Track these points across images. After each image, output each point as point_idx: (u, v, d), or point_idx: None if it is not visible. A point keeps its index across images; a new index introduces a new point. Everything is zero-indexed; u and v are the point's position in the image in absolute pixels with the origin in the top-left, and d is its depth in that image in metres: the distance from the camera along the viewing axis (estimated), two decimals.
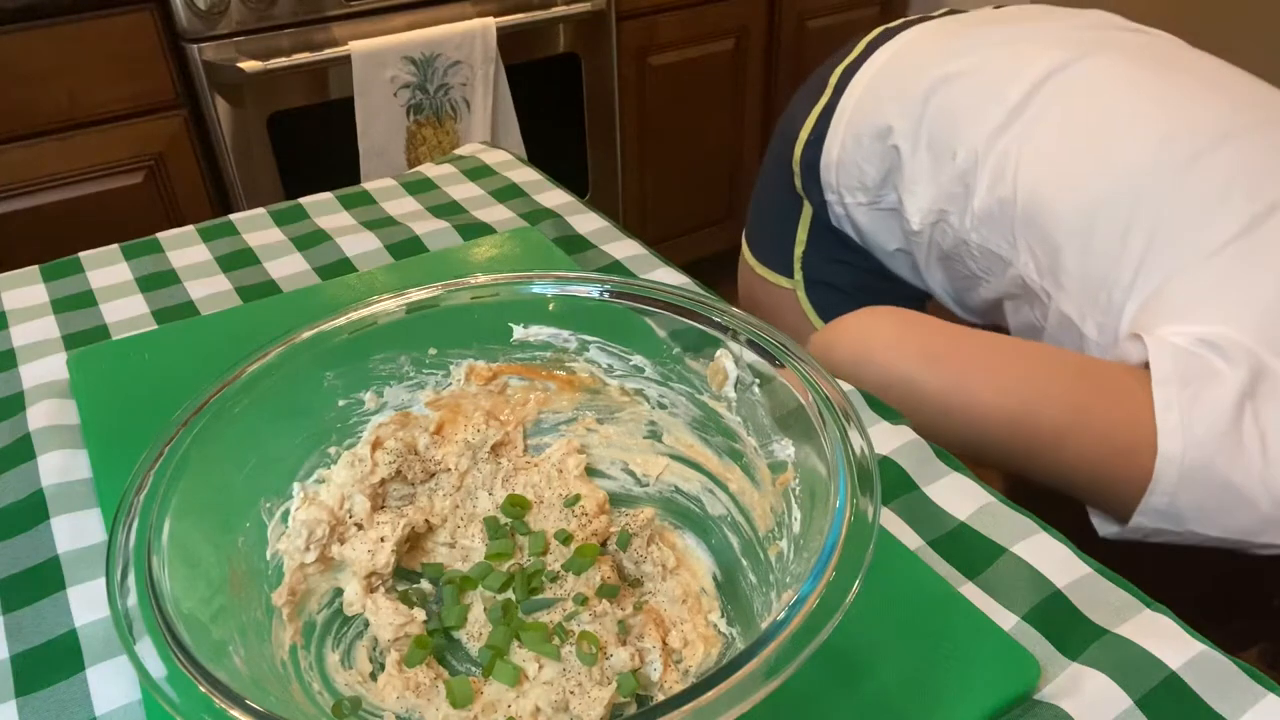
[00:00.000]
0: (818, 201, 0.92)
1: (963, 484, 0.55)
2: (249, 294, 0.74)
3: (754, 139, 2.09)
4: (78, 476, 0.56)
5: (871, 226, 0.89)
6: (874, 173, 0.86)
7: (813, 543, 0.37)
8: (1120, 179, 0.70)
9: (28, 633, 0.47)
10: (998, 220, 0.77)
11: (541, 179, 0.91)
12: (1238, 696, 0.42)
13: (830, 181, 0.89)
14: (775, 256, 0.98)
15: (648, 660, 0.42)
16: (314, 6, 1.44)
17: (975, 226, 0.79)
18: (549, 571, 0.45)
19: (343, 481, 0.47)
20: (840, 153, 0.87)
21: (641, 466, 0.51)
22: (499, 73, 1.61)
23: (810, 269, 0.96)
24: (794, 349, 0.43)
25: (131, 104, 1.39)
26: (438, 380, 0.51)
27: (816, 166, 0.90)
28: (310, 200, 0.87)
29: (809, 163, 0.91)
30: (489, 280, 0.50)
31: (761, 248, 1.00)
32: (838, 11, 2.04)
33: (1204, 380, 0.61)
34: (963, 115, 0.79)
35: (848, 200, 0.88)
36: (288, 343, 0.46)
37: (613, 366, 0.50)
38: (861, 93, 0.86)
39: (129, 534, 0.36)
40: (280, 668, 0.40)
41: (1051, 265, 0.74)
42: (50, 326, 0.70)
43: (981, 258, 0.81)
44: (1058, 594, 0.47)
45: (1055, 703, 0.42)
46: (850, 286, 0.95)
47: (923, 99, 0.81)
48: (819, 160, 0.89)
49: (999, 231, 0.78)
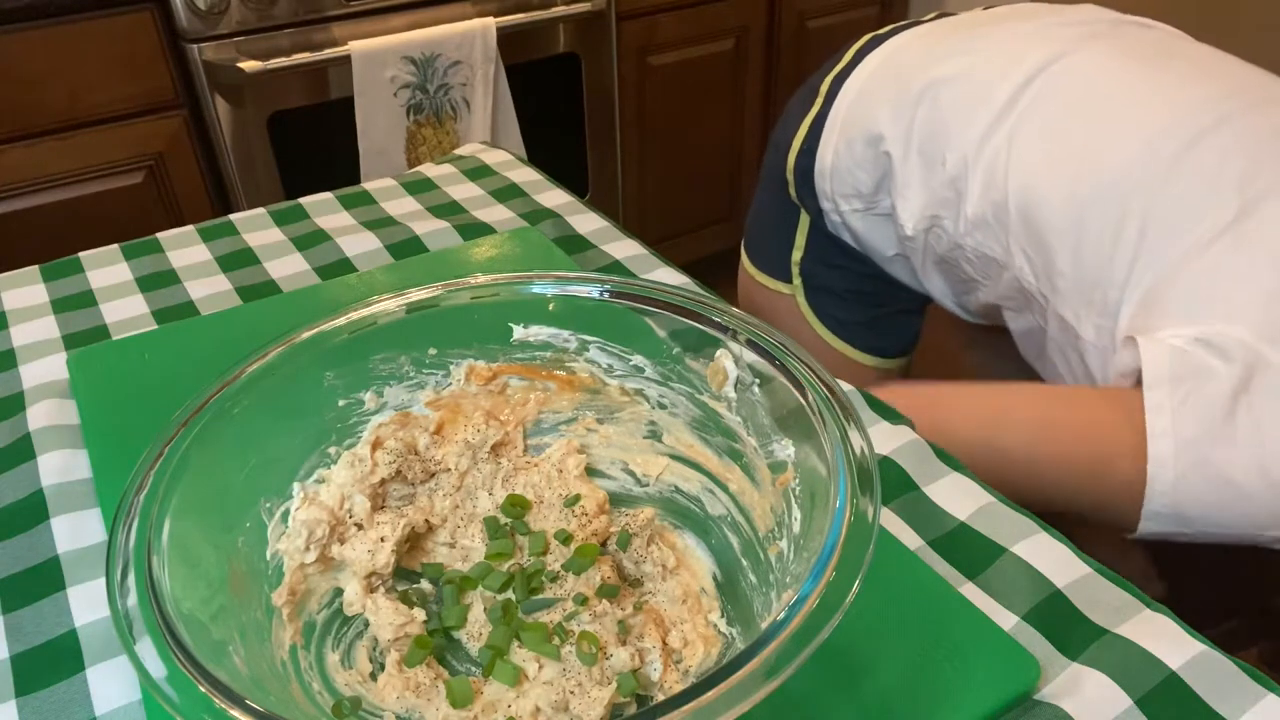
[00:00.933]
0: (814, 209, 0.92)
1: (963, 484, 0.55)
2: (249, 294, 0.74)
3: (754, 139, 2.09)
4: (78, 476, 0.56)
5: (868, 232, 0.89)
6: (867, 179, 0.86)
7: (813, 543, 0.37)
8: (1107, 176, 0.70)
9: (28, 633, 0.47)
10: (991, 224, 0.77)
11: (541, 179, 0.91)
12: (1238, 696, 0.42)
13: (825, 189, 0.89)
14: (774, 264, 0.98)
15: (648, 660, 0.42)
16: (314, 6, 1.44)
17: (969, 231, 0.79)
18: (549, 571, 0.45)
19: (343, 481, 0.47)
20: (834, 160, 0.87)
21: (641, 466, 0.51)
22: (499, 73, 1.61)
23: (809, 274, 0.96)
24: (794, 349, 0.43)
25: (131, 104, 1.39)
26: (438, 380, 0.51)
27: (811, 175, 0.90)
28: (310, 200, 0.87)
29: (803, 171, 0.91)
30: (489, 280, 0.50)
31: (761, 256, 1.00)
32: (838, 11, 2.04)
33: (1197, 379, 0.61)
34: (951, 120, 0.79)
35: (843, 207, 0.88)
36: (288, 343, 0.46)
37: (613, 366, 0.50)
38: (852, 99, 0.86)
39: (129, 534, 0.36)
40: (280, 668, 0.40)
41: (1046, 267, 0.74)
42: (50, 326, 0.70)
43: (978, 261, 0.81)
44: (1058, 594, 0.47)
45: (1055, 703, 0.42)
46: (849, 291, 0.95)
47: (912, 104, 0.81)
48: (813, 168, 0.89)
49: (993, 235, 0.77)
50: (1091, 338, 0.72)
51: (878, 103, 0.84)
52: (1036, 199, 0.73)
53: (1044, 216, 0.73)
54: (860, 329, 0.96)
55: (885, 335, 0.98)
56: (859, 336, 0.97)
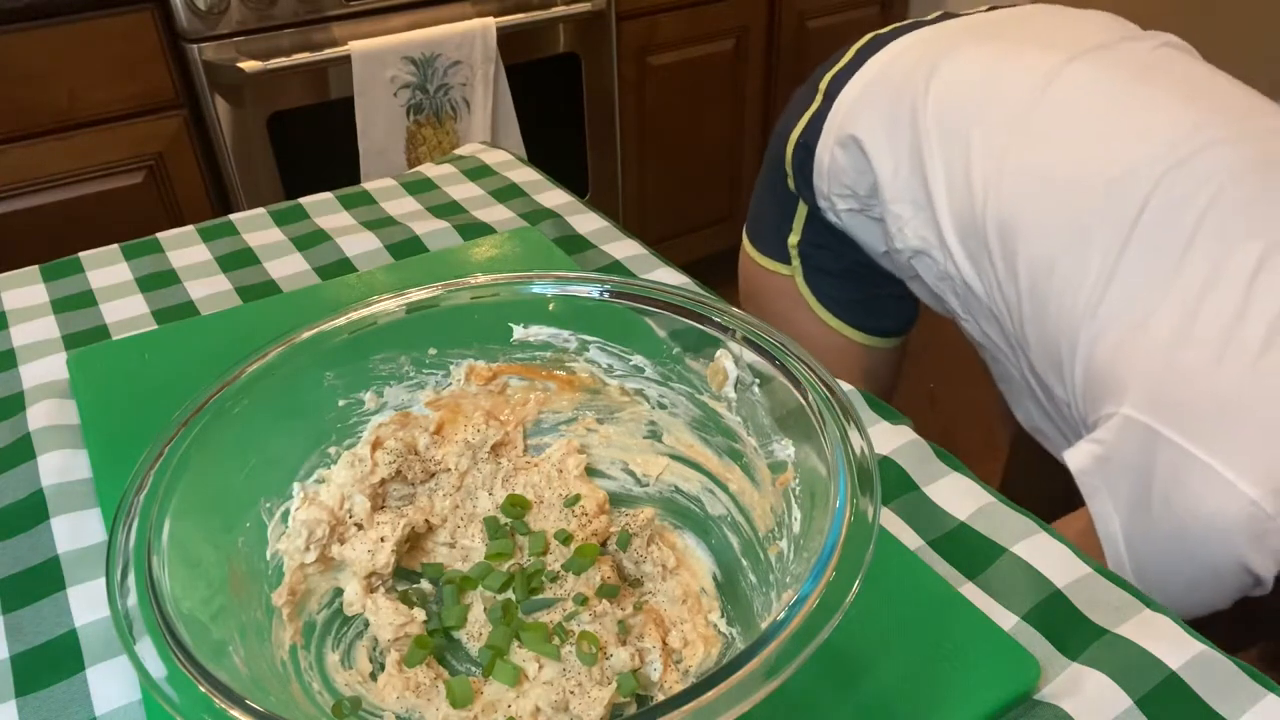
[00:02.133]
0: (810, 201, 0.92)
1: (963, 484, 0.55)
2: (249, 294, 0.74)
3: (754, 139, 2.09)
4: (78, 476, 0.56)
5: (861, 231, 0.89)
6: (861, 185, 0.86)
7: (813, 543, 0.37)
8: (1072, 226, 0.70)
9: (28, 633, 0.47)
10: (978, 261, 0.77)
11: (541, 179, 0.91)
12: (1238, 696, 0.42)
13: (821, 187, 0.89)
14: (773, 246, 0.99)
15: (648, 660, 0.42)
16: (314, 6, 1.44)
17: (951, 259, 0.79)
18: (549, 571, 0.45)
19: (343, 481, 0.47)
20: (830, 162, 0.87)
21: (641, 466, 0.51)
22: (499, 73, 1.61)
23: (806, 256, 0.97)
24: (794, 349, 0.43)
25: (131, 104, 1.39)
26: (438, 380, 0.51)
27: (808, 169, 0.90)
28: (310, 200, 0.87)
29: (800, 166, 0.91)
30: (489, 280, 0.50)
31: (761, 239, 1.01)
32: (838, 11, 2.04)
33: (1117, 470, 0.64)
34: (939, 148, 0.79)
35: (839, 206, 0.88)
36: (288, 343, 0.46)
37: (613, 366, 0.50)
38: (849, 106, 0.86)
39: (129, 534, 0.36)
40: (280, 668, 0.40)
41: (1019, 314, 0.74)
42: (50, 326, 0.70)
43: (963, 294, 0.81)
44: (1058, 594, 0.47)
45: (1055, 703, 0.42)
46: (845, 271, 0.96)
47: (906, 124, 0.81)
48: (810, 165, 0.89)
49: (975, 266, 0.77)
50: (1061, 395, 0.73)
51: (873, 115, 0.84)
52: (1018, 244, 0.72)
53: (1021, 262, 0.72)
54: (857, 307, 0.97)
55: (882, 315, 0.99)
56: (855, 315, 0.98)
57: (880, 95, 0.84)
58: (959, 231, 0.77)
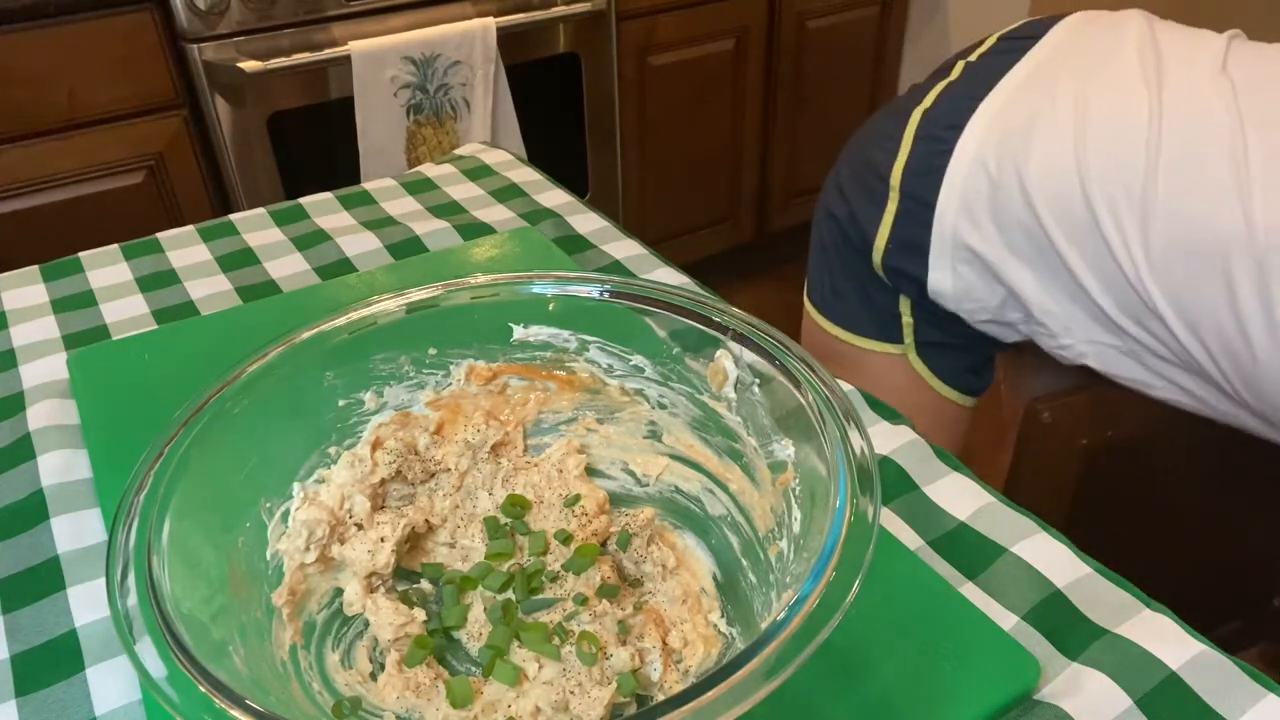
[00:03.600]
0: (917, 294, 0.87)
1: (963, 484, 0.55)
2: (249, 294, 0.74)
3: (754, 139, 2.09)
4: (78, 476, 0.56)
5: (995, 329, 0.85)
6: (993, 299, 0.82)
7: (813, 543, 0.37)
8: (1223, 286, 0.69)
9: (28, 633, 0.47)
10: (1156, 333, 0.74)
11: (541, 179, 0.91)
12: (1238, 696, 0.42)
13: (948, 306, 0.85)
14: (870, 327, 0.93)
15: (648, 660, 0.42)
16: (314, 6, 1.44)
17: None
18: (549, 571, 0.45)
19: (343, 481, 0.47)
20: (955, 283, 0.82)
21: (641, 466, 0.51)
22: (499, 73, 1.61)
23: (922, 333, 0.91)
24: (794, 349, 0.43)
25: (131, 104, 1.39)
26: (438, 380, 0.51)
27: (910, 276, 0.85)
28: (310, 200, 0.87)
29: (894, 270, 0.86)
30: (489, 280, 0.50)
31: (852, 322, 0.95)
32: (838, 11, 2.04)
33: None
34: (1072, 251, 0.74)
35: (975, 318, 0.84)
36: (288, 343, 0.46)
37: (613, 366, 0.50)
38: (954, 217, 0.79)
39: (129, 534, 0.36)
40: (280, 668, 0.40)
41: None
42: (50, 326, 0.70)
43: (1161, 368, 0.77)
44: (1058, 594, 0.47)
45: (1055, 703, 0.42)
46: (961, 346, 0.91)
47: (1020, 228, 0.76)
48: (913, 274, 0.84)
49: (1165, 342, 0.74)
50: None
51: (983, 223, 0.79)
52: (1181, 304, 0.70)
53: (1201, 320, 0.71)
54: (969, 375, 0.94)
55: (986, 375, 0.96)
56: (967, 381, 0.94)
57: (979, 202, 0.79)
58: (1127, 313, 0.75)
